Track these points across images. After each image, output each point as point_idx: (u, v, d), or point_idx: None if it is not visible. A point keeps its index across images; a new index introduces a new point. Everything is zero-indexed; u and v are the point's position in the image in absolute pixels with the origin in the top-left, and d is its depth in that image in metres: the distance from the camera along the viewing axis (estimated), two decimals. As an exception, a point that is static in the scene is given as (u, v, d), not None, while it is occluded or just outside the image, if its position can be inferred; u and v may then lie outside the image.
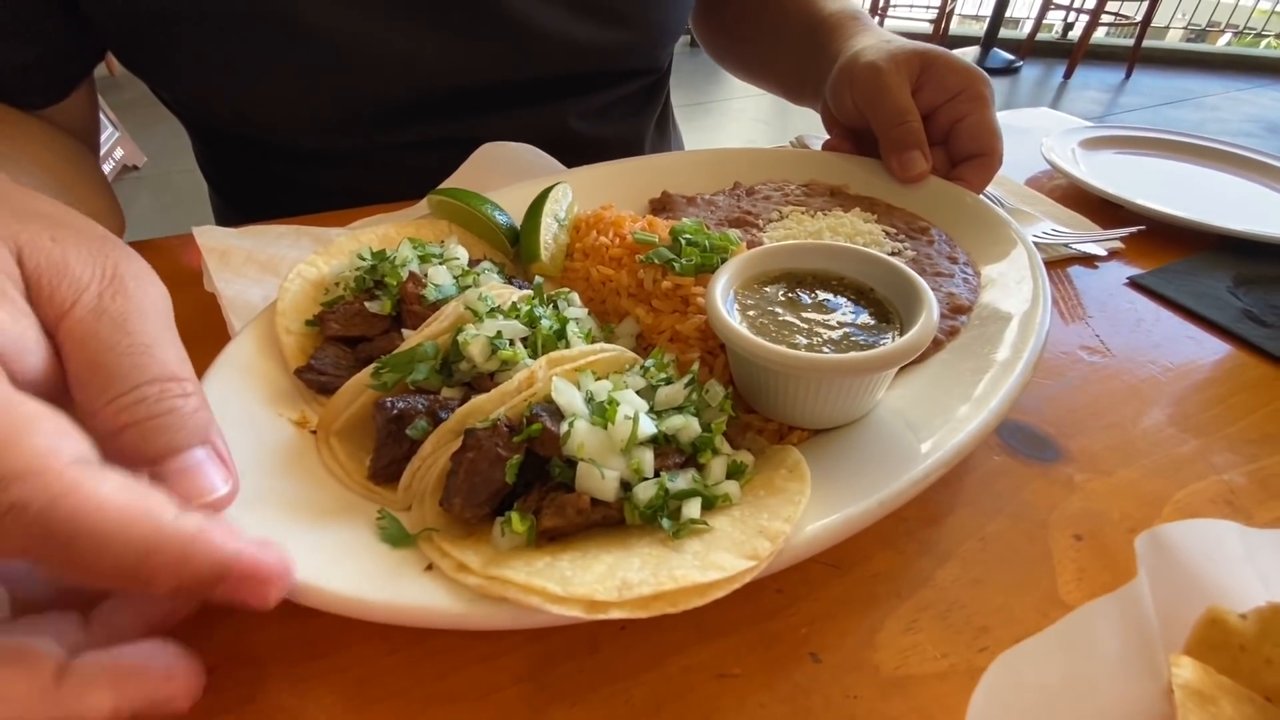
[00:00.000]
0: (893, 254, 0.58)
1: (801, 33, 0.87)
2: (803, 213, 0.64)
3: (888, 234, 0.61)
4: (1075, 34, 6.06)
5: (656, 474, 0.35)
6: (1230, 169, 0.90)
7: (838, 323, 0.44)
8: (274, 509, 0.35)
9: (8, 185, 0.36)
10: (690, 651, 0.35)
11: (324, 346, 0.46)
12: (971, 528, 0.42)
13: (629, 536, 0.34)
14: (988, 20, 5.95)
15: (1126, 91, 5.71)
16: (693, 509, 0.34)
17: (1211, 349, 0.59)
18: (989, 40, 5.93)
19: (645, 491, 0.34)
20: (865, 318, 0.45)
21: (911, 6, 5.98)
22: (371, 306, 0.47)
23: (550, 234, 0.56)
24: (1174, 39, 7.08)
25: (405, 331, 0.45)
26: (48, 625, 0.30)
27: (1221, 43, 6.96)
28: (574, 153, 0.75)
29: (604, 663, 0.34)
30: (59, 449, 0.25)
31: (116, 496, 0.25)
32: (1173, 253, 0.71)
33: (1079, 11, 5.78)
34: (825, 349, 0.42)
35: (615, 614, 0.29)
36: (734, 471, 0.38)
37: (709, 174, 0.71)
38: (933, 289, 0.52)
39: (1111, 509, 0.44)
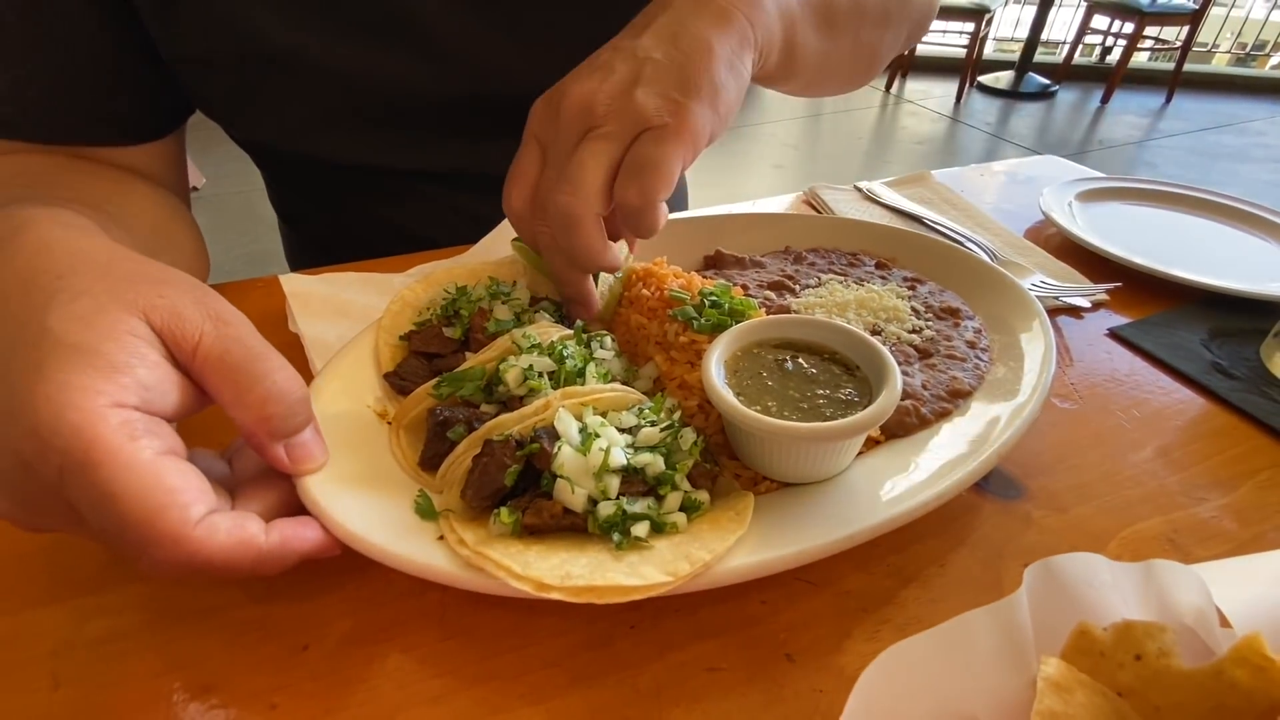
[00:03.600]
0: (912, 331, 0.62)
1: None
2: (840, 283, 0.68)
3: (915, 312, 0.64)
4: (1114, 58, 6.01)
5: (620, 496, 0.43)
6: (1229, 222, 0.95)
7: (815, 393, 0.49)
8: (353, 474, 0.47)
9: (115, 252, 0.44)
10: (686, 648, 0.43)
11: (408, 358, 0.58)
12: (935, 555, 0.49)
13: (588, 542, 0.43)
14: (1023, 44, 5.95)
15: (1167, 116, 5.63)
16: (640, 530, 0.42)
17: (1178, 399, 0.64)
18: (1024, 64, 5.91)
19: (605, 509, 0.43)
20: (844, 391, 0.49)
21: (945, 32, 6.00)
22: (448, 331, 0.58)
23: (605, 284, 0.64)
24: (1221, 63, 6.95)
25: (468, 354, 0.55)
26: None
27: (1269, 65, 6.80)
28: None
29: (616, 654, 0.42)
30: (190, 515, 0.36)
31: (227, 544, 0.37)
32: (1157, 304, 0.77)
33: (1116, 36, 5.74)
34: (793, 416, 0.47)
35: (555, 595, 0.38)
36: (688, 506, 0.44)
37: (765, 235, 0.77)
38: (939, 370, 0.57)
39: (1061, 543, 0.50)
